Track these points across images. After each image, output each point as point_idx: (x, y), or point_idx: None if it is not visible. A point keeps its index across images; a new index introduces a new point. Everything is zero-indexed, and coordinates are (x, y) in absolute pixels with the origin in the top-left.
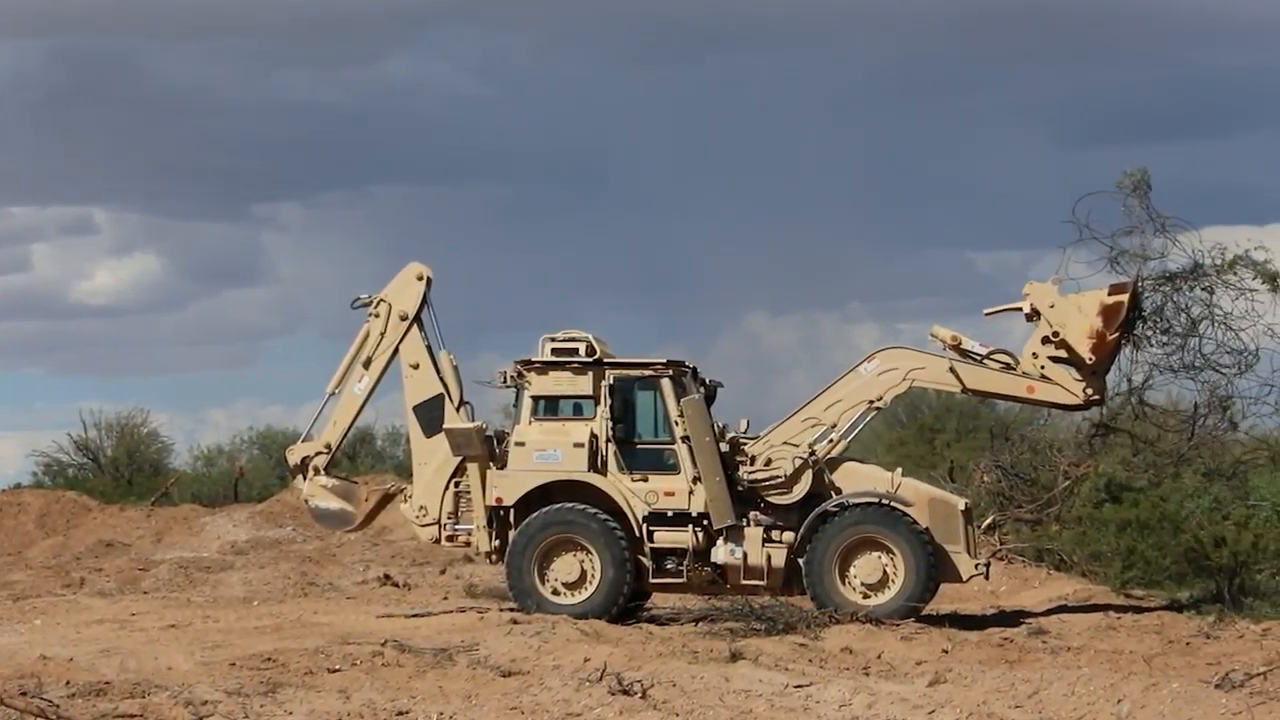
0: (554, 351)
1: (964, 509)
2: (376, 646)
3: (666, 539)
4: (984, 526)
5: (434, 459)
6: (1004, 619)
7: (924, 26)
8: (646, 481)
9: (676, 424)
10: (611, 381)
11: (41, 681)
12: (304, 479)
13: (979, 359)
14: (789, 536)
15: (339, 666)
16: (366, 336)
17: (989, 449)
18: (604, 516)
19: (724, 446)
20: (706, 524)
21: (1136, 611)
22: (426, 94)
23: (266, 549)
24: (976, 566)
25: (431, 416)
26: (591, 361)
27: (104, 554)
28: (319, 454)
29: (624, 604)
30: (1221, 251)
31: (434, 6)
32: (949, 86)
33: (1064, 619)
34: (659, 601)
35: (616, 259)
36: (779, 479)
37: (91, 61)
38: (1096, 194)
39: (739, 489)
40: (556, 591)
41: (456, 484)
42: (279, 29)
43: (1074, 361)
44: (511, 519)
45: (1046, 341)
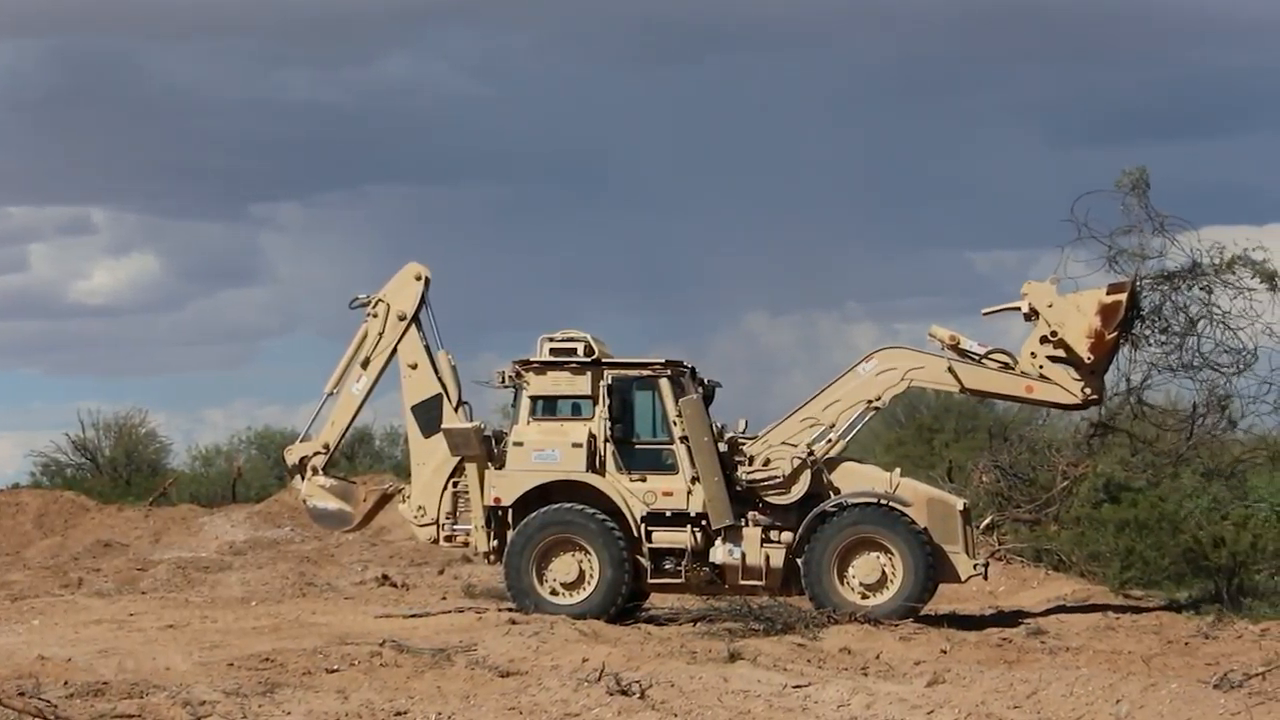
0: (552, 351)
1: (962, 509)
2: (375, 647)
3: (665, 539)
4: (982, 527)
5: (432, 459)
6: (1002, 619)
7: (923, 26)
8: (645, 482)
9: (675, 424)
10: (610, 381)
11: (39, 682)
12: (302, 479)
13: (977, 359)
14: (787, 537)
15: (337, 667)
16: (365, 336)
17: (987, 449)
18: (602, 517)
19: (722, 446)
20: (705, 524)
21: (1135, 612)
22: (425, 94)
23: (265, 549)
24: (975, 567)
25: (430, 416)
26: (590, 361)
27: (102, 554)
28: (317, 454)
29: (622, 604)
30: (1220, 251)
31: (433, 6)
32: (948, 86)
33: (1062, 619)
34: (657, 602)
35: (615, 259)
36: (777, 479)
37: (89, 61)
38: (1095, 193)
39: (737, 489)
40: (555, 592)
41: (455, 484)
42: (278, 29)
43: (1072, 361)
44: (510, 519)
45: (1045, 341)
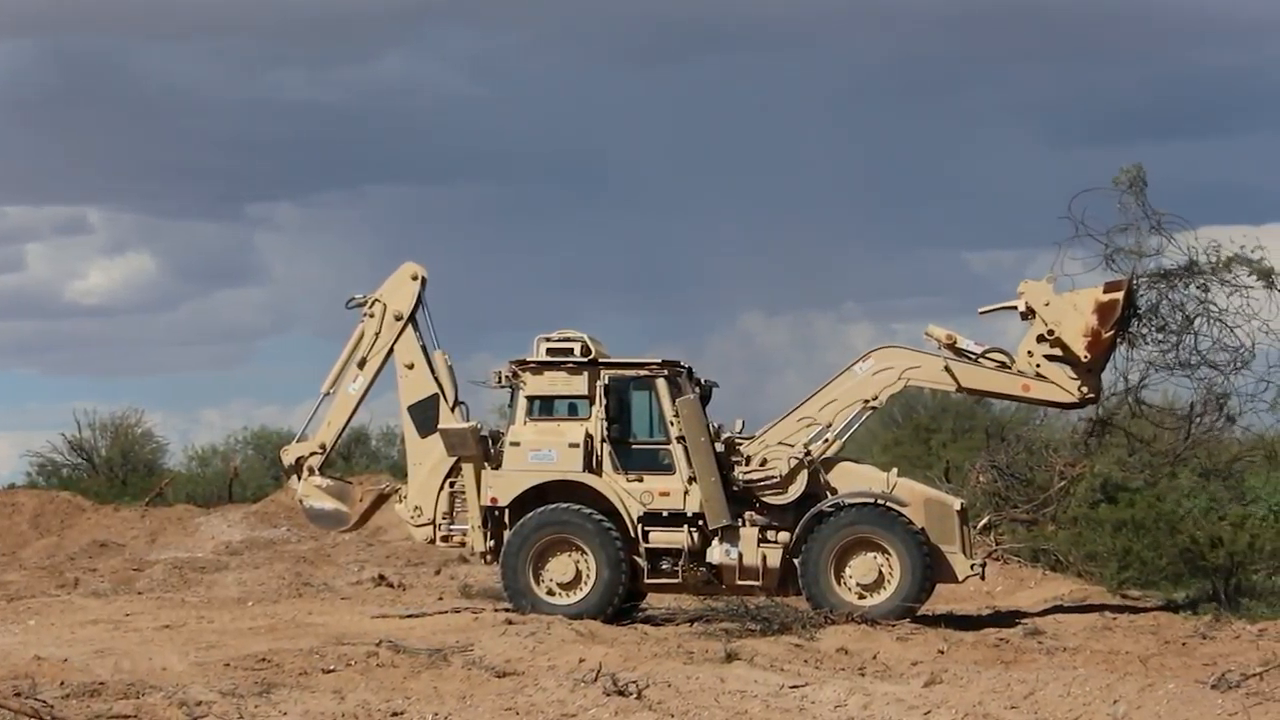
0: (549, 351)
1: (960, 509)
2: (371, 647)
3: (662, 539)
4: (980, 527)
5: (429, 459)
6: (1000, 619)
7: (923, 26)
8: (642, 482)
9: (672, 424)
10: (606, 381)
11: (36, 682)
12: (299, 479)
13: (974, 358)
14: (784, 537)
15: (334, 667)
16: (361, 336)
17: (984, 449)
18: (599, 517)
19: (719, 446)
20: (702, 524)
21: (1132, 612)
22: (423, 94)
23: (261, 549)
24: (972, 567)
25: (426, 416)
26: (586, 361)
27: (98, 554)
28: (314, 454)
29: (619, 604)
30: (1217, 249)
31: (430, 6)
32: (947, 86)
33: (1060, 619)
34: (654, 602)
35: (612, 259)
36: (774, 479)
37: (86, 61)
38: (1092, 191)
39: (734, 489)
40: (551, 592)
41: (451, 484)
42: (274, 29)
43: (1069, 360)
44: (506, 519)
45: (1042, 340)
